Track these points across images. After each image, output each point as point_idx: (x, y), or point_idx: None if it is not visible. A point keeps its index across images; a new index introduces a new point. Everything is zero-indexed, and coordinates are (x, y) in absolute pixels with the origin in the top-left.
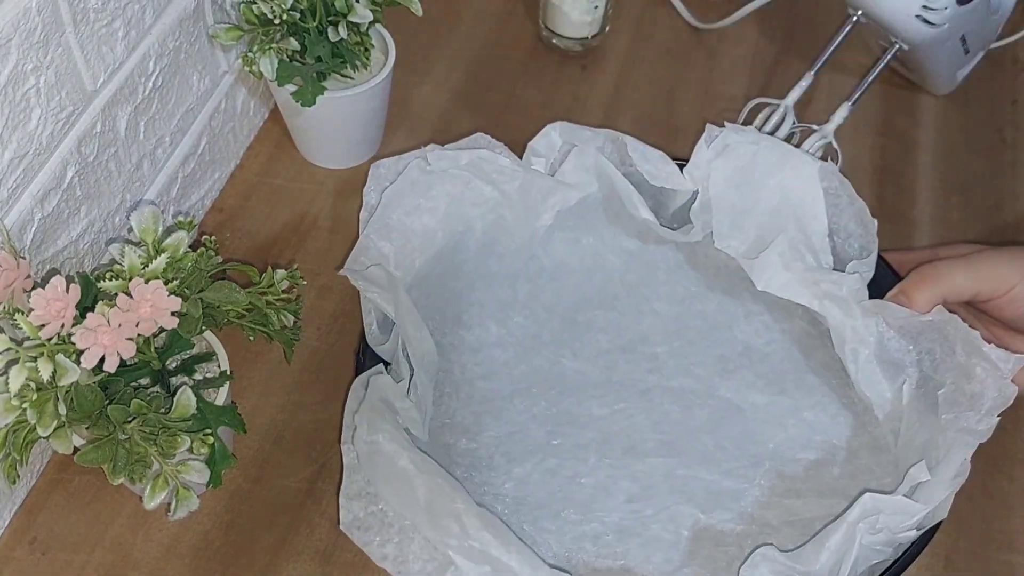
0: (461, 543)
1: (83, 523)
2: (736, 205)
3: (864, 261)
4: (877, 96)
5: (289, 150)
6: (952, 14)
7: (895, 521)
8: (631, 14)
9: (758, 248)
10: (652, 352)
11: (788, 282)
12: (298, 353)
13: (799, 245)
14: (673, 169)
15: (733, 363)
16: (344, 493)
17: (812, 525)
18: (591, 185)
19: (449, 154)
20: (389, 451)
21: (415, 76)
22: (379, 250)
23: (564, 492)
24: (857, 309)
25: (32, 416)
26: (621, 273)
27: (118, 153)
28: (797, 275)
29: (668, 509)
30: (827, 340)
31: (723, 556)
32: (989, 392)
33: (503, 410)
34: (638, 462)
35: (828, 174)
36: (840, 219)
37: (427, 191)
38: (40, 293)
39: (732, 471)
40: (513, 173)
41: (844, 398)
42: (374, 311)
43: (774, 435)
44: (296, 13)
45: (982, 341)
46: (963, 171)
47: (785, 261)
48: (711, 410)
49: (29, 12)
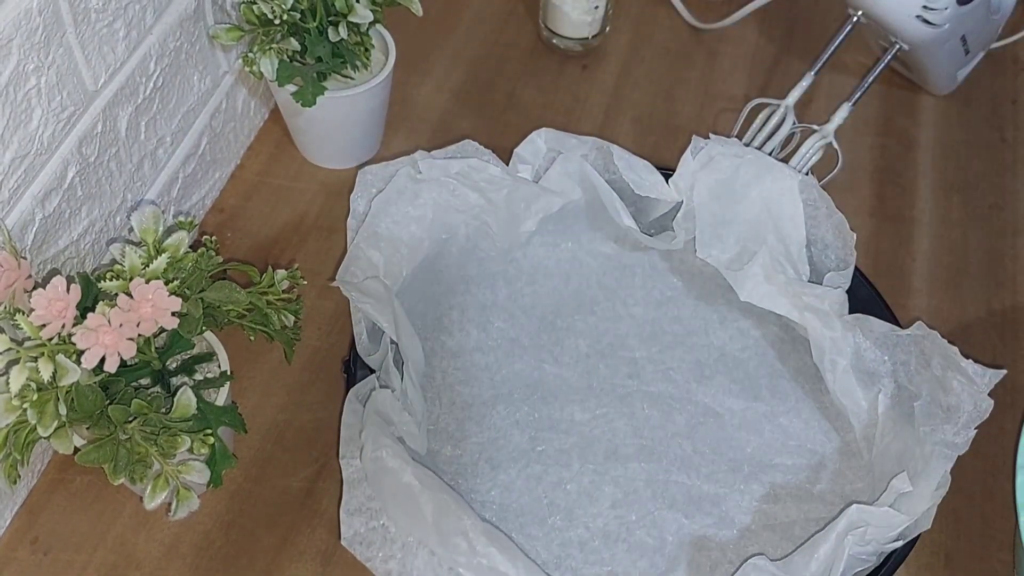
0: (470, 560)
1: (84, 523)
2: (717, 215)
3: (842, 273)
4: (877, 96)
5: (289, 150)
6: (952, 14)
7: (882, 532)
8: (631, 14)
9: (739, 258)
10: (631, 357)
11: (770, 293)
12: (299, 353)
13: (779, 256)
14: (658, 179)
15: (710, 368)
16: (345, 508)
17: (791, 529)
18: (574, 192)
19: (439, 163)
20: (393, 467)
21: (415, 76)
22: (369, 259)
23: (549, 498)
24: (838, 322)
25: (33, 416)
26: (598, 276)
27: (119, 153)
28: (779, 287)
29: (651, 514)
30: (800, 346)
31: (706, 560)
32: (965, 405)
33: (485, 416)
34: (620, 467)
35: (807, 187)
36: (818, 231)
37: (415, 199)
38: (41, 293)
39: (712, 476)
40: (501, 182)
41: (818, 403)
42: (364, 321)
43: (751, 440)
44: (296, 13)
45: (959, 356)
46: (963, 171)
47: (767, 273)
48: (689, 415)
49: (30, 12)
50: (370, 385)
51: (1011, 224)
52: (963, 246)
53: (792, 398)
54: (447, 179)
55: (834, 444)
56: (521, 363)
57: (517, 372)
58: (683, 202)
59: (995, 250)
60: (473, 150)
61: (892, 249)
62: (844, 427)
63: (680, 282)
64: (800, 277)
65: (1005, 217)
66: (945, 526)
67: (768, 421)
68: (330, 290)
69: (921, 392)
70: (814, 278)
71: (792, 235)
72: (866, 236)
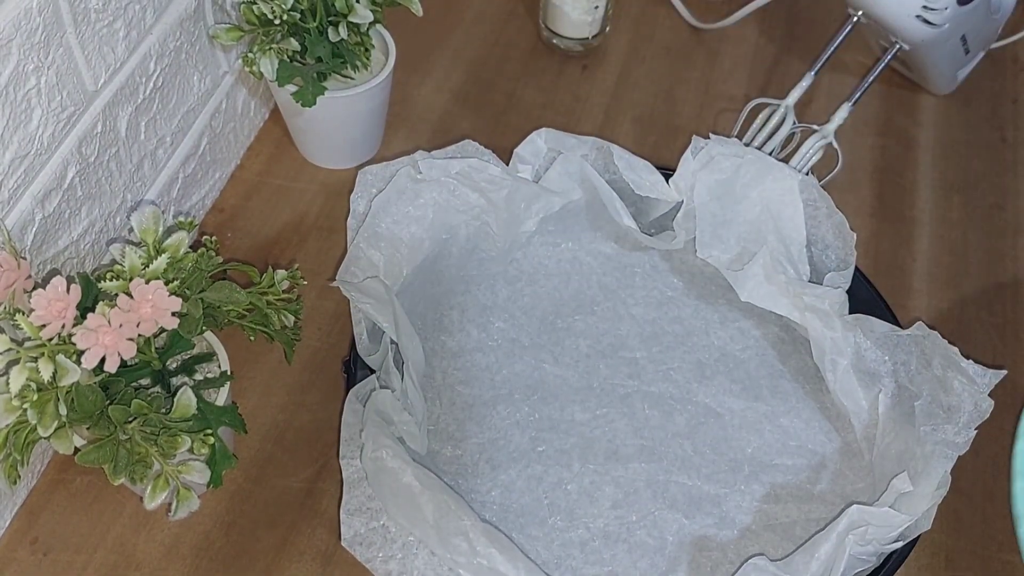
0: (470, 560)
1: (84, 523)
2: (718, 216)
3: (842, 273)
4: (877, 96)
5: (289, 150)
6: (952, 14)
7: (882, 532)
8: (631, 14)
9: (739, 258)
10: (631, 357)
11: (770, 294)
12: (299, 353)
13: (779, 256)
14: (658, 179)
15: (710, 368)
16: (345, 508)
17: (792, 530)
18: (575, 192)
19: (439, 163)
20: (393, 467)
21: (415, 76)
22: (369, 259)
23: (550, 498)
24: (838, 322)
25: (33, 416)
26: (599, 276)
27: (119, 153)
28: (779, 287)
29: (652, 515)
30: (800, 346)
31: (707, 561)
32: (966, 406)
33: (486, 416)
34: (620, 467)
35: (808, 187)
36: (818, 231)
37: (415, 199)
38: (41, 293)
39: (712, 476)
40: (502, 182)
41: (818, 403)
42: (364, 321)
43: (751, 440)
44: (296, 13)
45: (960, 356)
46: (963, 171)
47: (767, 273)
48: (689, 415)
49: (30, 12)
50: (370, 385)
51: (1011, 224)
52: (963, 246)
53: (793, 398)
54: (447, 179)
55: (835, 444)
56: (521, 363)
57: (517, 372)
58: (683, 202)
59: (995, 250)
60: (473, 150)
61: (892, 249)
62: (845, 427)
63: (680, 282)
64: (800, 277)
65: (1005, 217)
66: (945, 526)
67: (769, 421)
68: (330, 290)
69: (922, 392)
70: (814, 278)
71: (792, 235)
72: (866, 236)
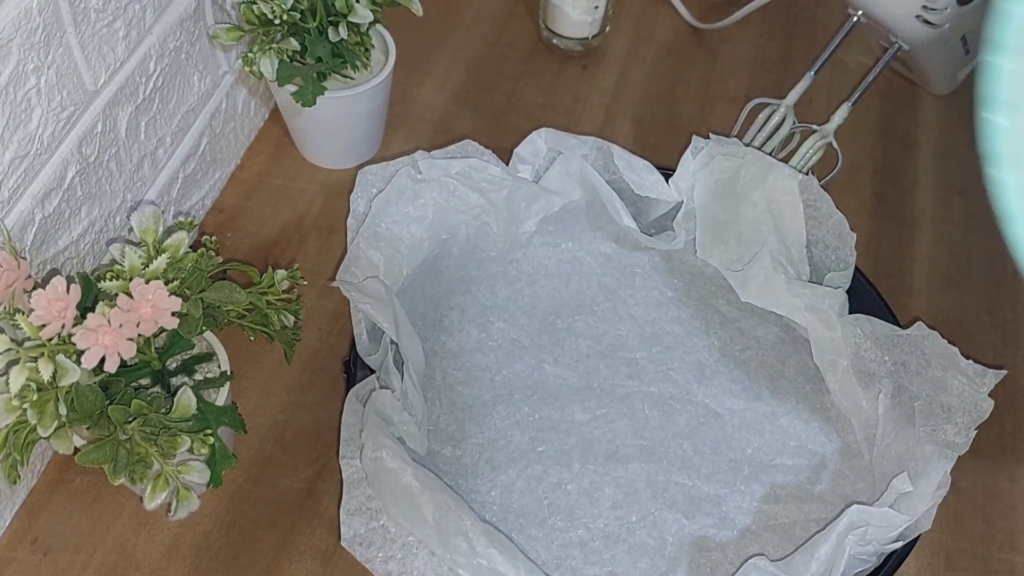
0: (470, 561)
1: (84, 523)
2: (718, 216)
3: (842, 273)
4: (877, 96)
5: (289, 150)
6: (952, 14)
7: (882, 532)
8: (631, 14)
9: (739, 258)
10: (631, 357)
11: (770, 294)
12: (299, 353)
13: (779, 257)
14: (658, 179)
15: (710, 369)
16: (345, 508)
17: (792, 530)
18: (574, 192)
19: (439, 163)
20: (393, 468)
21: (415, 76)
22: (369, 259)
23: (550, 499)
24: (838, 322)
25: (33, 416)
26: (599, 276)
27: (119, 153)
28: (780, 287)
29: (652, 515)
30: (800, 346)
31: (707, 561)
32: (966, 406)
33: (486, 417)
34: (620, 468)
35: (807, 187)
36: (818, 231)
37: (415, 199)
38: (41, 293)
39: (712, 476)
40: (502, 182)
41: (818, 404)
42: (364, 321)
43: (751, 441)
44: (296, 13)
45: (960, 356)
46: (963, 171)
47: (767, 273)
48: (689, 416)
49: (30, 12)
50: (370, 385)
51: None
52: (963, 246)
53: (792, 399)
54: (447, 179)
55: (834, 444)
56: (521, 364)
57: (517, 373)
58: (683, 202)
59: (995, 250)
60: (473, 150)
61: (892, 249)
62: (844, 427)
63: (680, 282)
64: (800, 277)
65: None
66: (945, 526)
67: (769, 421)
68: (330, 290)
69: (921, 392)
70: (814, 278)
71: (793, 235)
72: (866, 236)
